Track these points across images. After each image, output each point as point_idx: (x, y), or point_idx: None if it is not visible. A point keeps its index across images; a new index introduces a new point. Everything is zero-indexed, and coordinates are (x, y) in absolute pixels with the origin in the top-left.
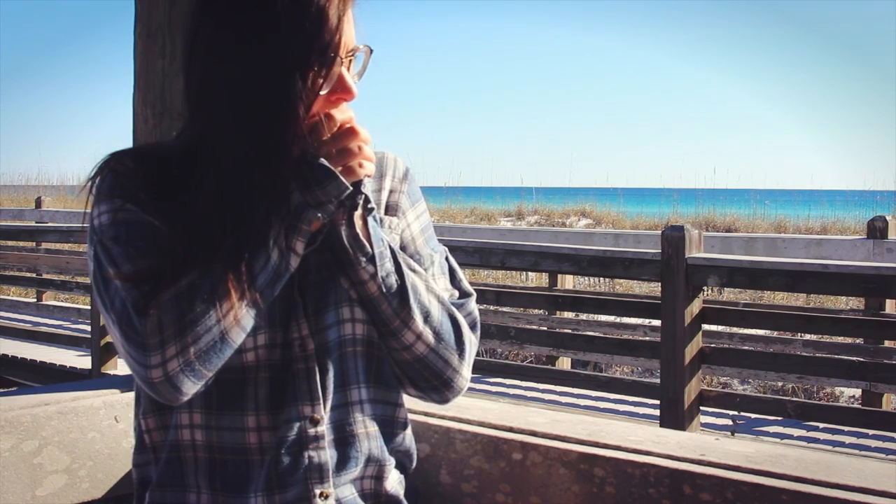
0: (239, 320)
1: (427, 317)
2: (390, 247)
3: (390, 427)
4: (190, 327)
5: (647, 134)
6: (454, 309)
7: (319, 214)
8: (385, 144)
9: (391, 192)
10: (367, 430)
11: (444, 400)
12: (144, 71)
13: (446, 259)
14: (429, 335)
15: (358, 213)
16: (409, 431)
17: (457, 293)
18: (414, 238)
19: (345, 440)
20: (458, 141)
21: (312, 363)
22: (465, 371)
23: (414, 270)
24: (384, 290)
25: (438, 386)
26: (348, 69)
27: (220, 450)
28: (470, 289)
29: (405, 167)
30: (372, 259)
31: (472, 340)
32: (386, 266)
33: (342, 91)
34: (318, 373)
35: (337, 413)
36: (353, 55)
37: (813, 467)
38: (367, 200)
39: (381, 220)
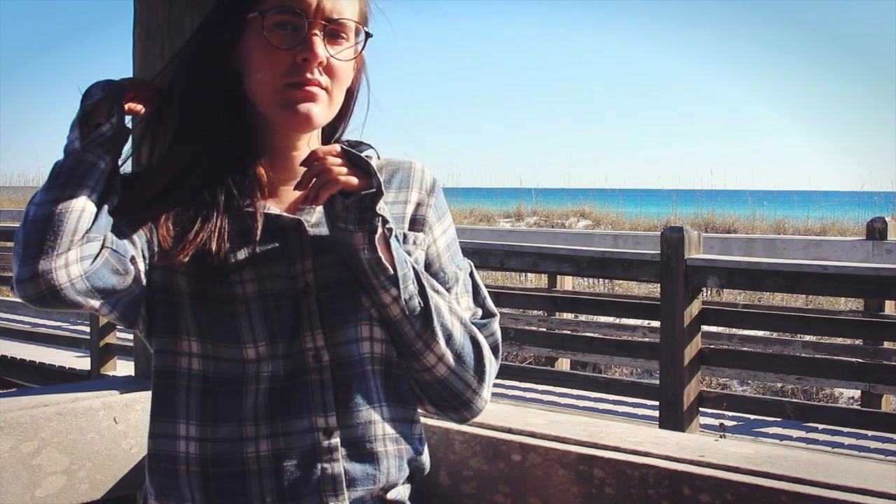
0: (34, 201)
1: (449, 339)
2: (414, 268)
3: (409, 443)
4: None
5: (647, 134)
6: (476, 330)
7: (101, 94)
8: (385, 144)
9: (418, 204)
10: (387, 449)
11: (462, 419)
12: (143, 72)
13: (470, 275)
14: (450, 358)
15: (378, 236)
16: (426, 448)
17: (479, 312)
18: (439, 254)
19: (363, 457)
20: (457, 141)
21: (327, 375)
22: (485, 393)
23: (437, 291)
24: (407, 312)
25: (457, 406)
26: (321, 35)
27: (215, 462)
28: (493, 308)
29: (432, 178)
30: (395, 281)
31: (492, 362)
32: (409, 289)
33: (305, 51)
34: (333, 385)
35: (355, 430)
36: (328, 23)
37: (812, 468)
38: (384, 222)
39: (406, 236)
